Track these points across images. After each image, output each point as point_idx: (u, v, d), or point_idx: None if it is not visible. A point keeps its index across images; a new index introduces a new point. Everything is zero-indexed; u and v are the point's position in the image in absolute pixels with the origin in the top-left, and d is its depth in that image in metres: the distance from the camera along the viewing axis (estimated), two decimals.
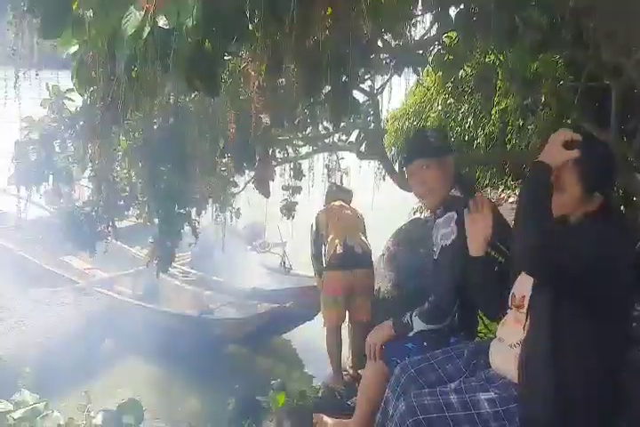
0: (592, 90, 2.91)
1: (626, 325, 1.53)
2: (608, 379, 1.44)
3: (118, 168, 3.38)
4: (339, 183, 4.27)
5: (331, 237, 3.92)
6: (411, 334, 2.09)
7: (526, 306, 1.58)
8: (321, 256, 4.08)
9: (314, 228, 4.06)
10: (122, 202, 3.31)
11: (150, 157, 2.85)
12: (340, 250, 3.85)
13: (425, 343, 2.05)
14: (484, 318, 2.09)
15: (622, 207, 3.49)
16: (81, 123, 2.45)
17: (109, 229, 3.25)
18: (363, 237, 4.03)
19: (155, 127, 2.83)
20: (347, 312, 3.96)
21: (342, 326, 4.05)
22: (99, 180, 2.81)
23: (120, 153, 3.07)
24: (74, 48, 1.64)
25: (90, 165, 2.75)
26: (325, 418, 2.33)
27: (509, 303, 1.70)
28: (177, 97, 2.49)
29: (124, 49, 1.22)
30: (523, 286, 1.62)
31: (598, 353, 1.42)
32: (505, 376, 1.61)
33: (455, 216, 1.95)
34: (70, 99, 3.06)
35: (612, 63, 2.45)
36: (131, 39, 1.16)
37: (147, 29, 1.15)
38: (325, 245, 3.98)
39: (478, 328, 2.17)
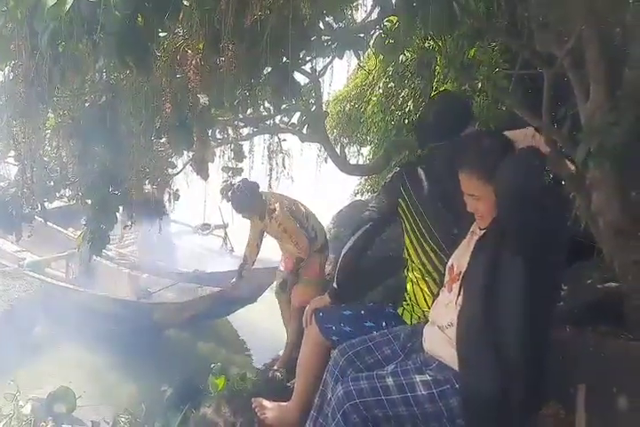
0: (526, 77, 2.99)
1: (557, 295, 1.60)
2: (541, 350, 1.50)
3: (48, 147, 3.21)
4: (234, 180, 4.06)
5: (314, 220, 3.80)
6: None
7: (460, 279, 1.61)
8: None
9: (300, 212, 3.76)
10: (51, 183, 3.15)
11: (82, 136, 2.73)
12: (327, 233, 3.87)
13: (362, 312, 2.09)
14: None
15: None
16: (4, 99, 2.30)
17: (37, 210, 3.10)
18: None
19: (86, 105, 2.70)
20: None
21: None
22: (25, 159, 2.66)
23: (48, 131, 2.91)
24: None
25: (15, 143, 2.59)
26: (265, 402, 2.33)
27: (446, 274, 1.73)
28: (109, 74, 2.38)
29: (45, 22, 1.13)
30: (462, 258, 1.66)
31: (532, 327, 1.46)
32: (438, 359, 1.65)
33: (397, 169, 2.14)
34: None
35: (545, 52, 2.52)
36: (51, 11, 1.08)
37: (69, 1, 1.07)
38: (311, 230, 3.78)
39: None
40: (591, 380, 1.96)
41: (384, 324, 2.04)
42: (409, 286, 2.06)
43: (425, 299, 1.97)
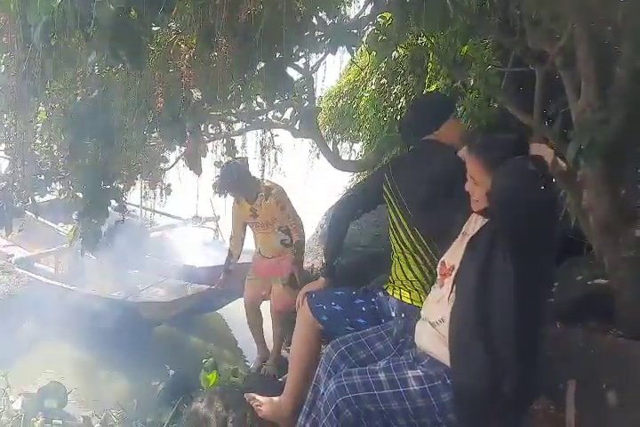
0: (517, 75, 3.01)
1: (549, 293, 1.61)
2: (532, 347, 1.51)
3: (38, 141, 3.19)
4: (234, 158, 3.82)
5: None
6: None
7: (453, 276, 1.62)
8: None
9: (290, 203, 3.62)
10: (42, 177, 3.13)
11: (73, 129, 2.71)
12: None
13: (353, 292, 2.16)
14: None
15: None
16: None
17: (28, 205, 3.08)
18: None
19: (78, 99, 2.68)
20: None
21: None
22: (16, 153, 2.64)
23: (40, 124, 2.89)
24: None
25: (6, 136, 2.58)
26: (257, 397, 2.35)
27: (438, 271, 1.74)
28: (101, 68, 2.36)
29: (38, 15, 1.12)
30: (454, 255, 1.67)
31: (524, 324, 1.48)
32: (430, 355, 1.66)
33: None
34: None
35: (537, 50, 2.53)
36: (44, 4, 1.07)
37: None
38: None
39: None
40: (581, 376, 1.98)
41: (373, 299, 2.12)
42: (393, 265, 2.16)
43: (402, 269, 2.09)
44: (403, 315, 1.99)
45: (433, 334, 1.65)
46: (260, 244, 3.65)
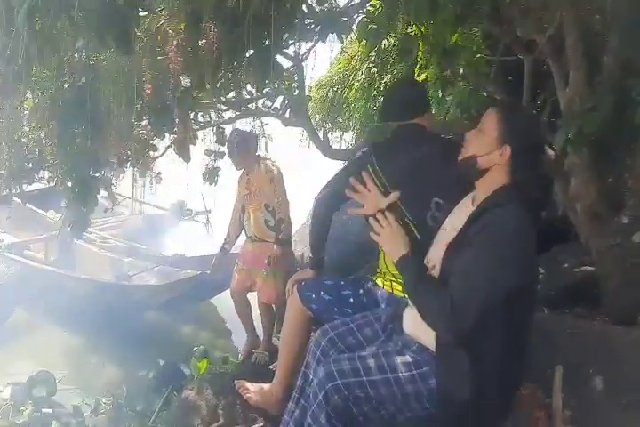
0: (506, 64, 3.02)
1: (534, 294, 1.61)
2: (517, 341, 1.51)
3: (26, 128, 3.16)
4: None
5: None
6: None
7: (438, 274, 1.59)
8: None
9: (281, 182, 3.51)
10: (30, 164, 3.10)
11: (61, 117, 2.68)
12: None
13: (342, 282, 2.16)
14: None
15: None
16: None
17: (15, 192, 3.06)
18: None
19: (65, 86, 2.65)
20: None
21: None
22: (3, 140, 2.61)
23: (27, 112, 2.86)
24: None
25: None
26: (247, 384, 2.36)
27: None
28: (89, 54, 2.33)
29: None
30: (435, 253, 1.65)
31: (509, 321, 1.48)
32: (419, 341, 1.66)
33: (365, 149, 2.23)
34: None
35: (526, 38, 2.54)
36: None
37: None
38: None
39: None
40: (568, 361, 2.00)
41: (361, 291, 2.12)
42: (380, 255, 2.14)
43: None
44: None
45: (421, 321, 1.66)
46: (247, 222, 3.56)
